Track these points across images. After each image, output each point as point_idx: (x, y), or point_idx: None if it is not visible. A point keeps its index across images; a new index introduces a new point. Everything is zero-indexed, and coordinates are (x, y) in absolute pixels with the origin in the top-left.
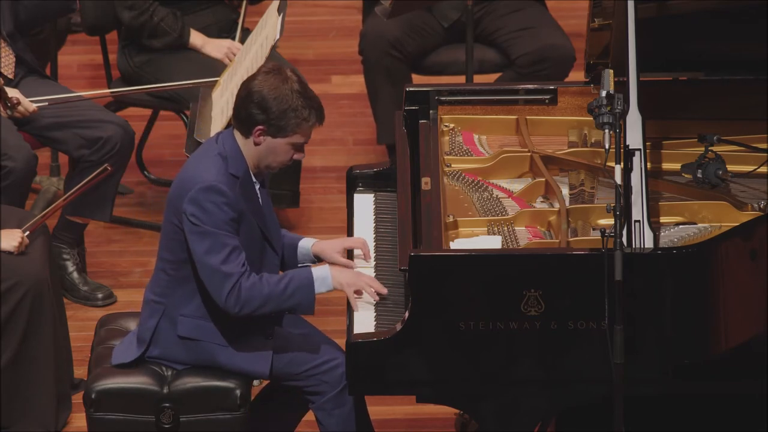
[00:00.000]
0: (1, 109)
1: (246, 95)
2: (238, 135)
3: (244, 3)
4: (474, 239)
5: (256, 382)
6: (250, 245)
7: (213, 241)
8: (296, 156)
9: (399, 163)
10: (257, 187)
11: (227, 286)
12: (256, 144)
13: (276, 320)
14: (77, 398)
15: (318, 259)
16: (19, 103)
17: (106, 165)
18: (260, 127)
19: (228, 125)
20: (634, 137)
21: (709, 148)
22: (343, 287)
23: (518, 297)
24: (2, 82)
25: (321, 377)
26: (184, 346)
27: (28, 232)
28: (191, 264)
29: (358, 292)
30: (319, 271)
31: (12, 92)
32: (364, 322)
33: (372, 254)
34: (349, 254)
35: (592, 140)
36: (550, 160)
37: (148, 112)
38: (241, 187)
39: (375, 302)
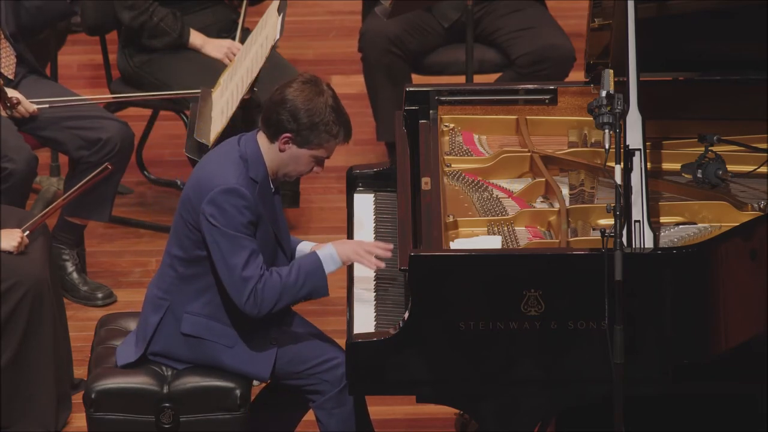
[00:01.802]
0: (1, 108)
1: (279, 101)
2: (262, 139)
3: (245, 3)
4: (474, 239)
5: (255, 382)
6: (264, 249)
7: (233, 243)
8: (316, 169)
9: (399, 163)
10: (272, 192)
11: (247, 290)
12: (281, 150)
13: (282, 321)
14: (77, 398)
15: None
16: (18, 103)
17: (106, 164)
18: (288, 134)
19: (227, 128)
20: (634, 137)
21: (709, 148)
22: (351, 258)
23: (518, 297)
24: (2, 82)
25: (321, 376)
26: (187, 344)
27: (28, 232)
28: (206, 262)
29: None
30: (324, 252)
31: (12, 93)
32: (364, 322)
33: None
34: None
35: (592, 140)
36: (550, 160)
37: (148, 112)
38: (259, 191)
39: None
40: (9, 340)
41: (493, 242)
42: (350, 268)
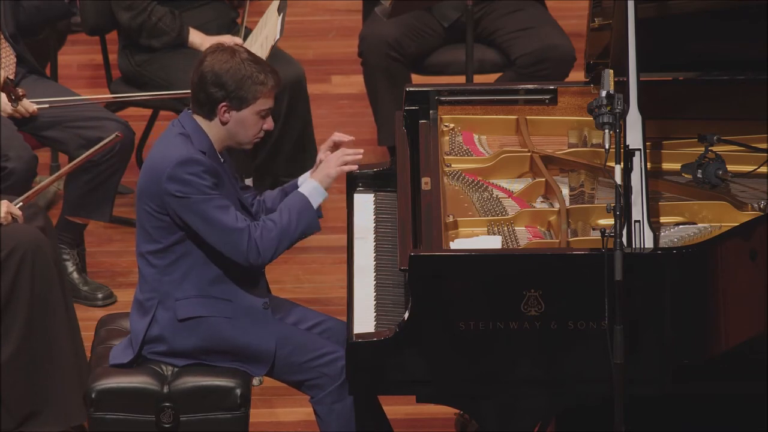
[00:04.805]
0: (7, 102)
1: (200, 79)
2: (200, 119)
3: (246, 3)
4: (474, 239)
5: (256, 382)
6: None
7: (210, 206)
8: (265, 126)
9: (399, 163)
10: (222, 161)
11: (244, 240)
12: (224, 122)
13: (262, 289)
14: None
15: None
16: (24, 95)
17: (117, 132)
18: (223, 104)
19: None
20: (634, 137)
21: (709, 148)
22: (332, 175)
23: (518, 297)
24: (12, 76)
25: (321, 369)
26: (187, 330)
27: (21, 204)
28: (182, 245)
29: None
30: (307, 187)
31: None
32: (364, 322)
33: (372, 254)
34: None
35: (593, 141)
36: (550, 160)
37: (148, 112)
38: (209, 160)
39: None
40: (15, 312)
41: (493, 242)
42: (350, 268)
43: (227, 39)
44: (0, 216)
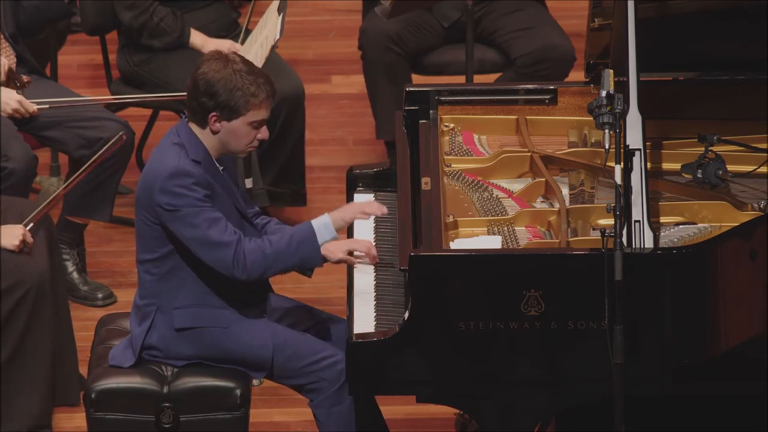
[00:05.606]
0: (7, 102)
1: (193, 86)
2: (195, 127)
3: (252, 5)
4: (474, 239)
5: (256, 382)
6: (228, 221)
7: (198, 219)
8: (259, 136)
9: (399, 163)
10: (221, 169)
11: (230, 254)
12: (215, 131)
13: (263, 295)
14: None
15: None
16: (30, 81)
17: (121, 134)
18: (213, 113)
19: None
20: (634, 137)
21: (709, 148)
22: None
23: (518, 297)
24: (13, 62)
25: (320, 374)
26: (184, 339)
27: (31, 225)
28: (178, 255)
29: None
30: (318, 221)
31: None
32: (364, 322)
33: None
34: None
35: (592, 140)
36: (550, 160)
37: (148, 112)
38: (204, 170)
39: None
40: (7, 340)
41: (493, 242)
42: (350, 268)
43: (227, 45)
44: (15, 244)
